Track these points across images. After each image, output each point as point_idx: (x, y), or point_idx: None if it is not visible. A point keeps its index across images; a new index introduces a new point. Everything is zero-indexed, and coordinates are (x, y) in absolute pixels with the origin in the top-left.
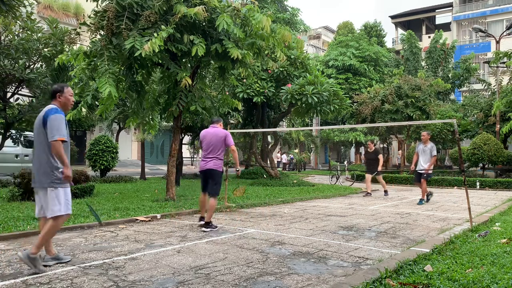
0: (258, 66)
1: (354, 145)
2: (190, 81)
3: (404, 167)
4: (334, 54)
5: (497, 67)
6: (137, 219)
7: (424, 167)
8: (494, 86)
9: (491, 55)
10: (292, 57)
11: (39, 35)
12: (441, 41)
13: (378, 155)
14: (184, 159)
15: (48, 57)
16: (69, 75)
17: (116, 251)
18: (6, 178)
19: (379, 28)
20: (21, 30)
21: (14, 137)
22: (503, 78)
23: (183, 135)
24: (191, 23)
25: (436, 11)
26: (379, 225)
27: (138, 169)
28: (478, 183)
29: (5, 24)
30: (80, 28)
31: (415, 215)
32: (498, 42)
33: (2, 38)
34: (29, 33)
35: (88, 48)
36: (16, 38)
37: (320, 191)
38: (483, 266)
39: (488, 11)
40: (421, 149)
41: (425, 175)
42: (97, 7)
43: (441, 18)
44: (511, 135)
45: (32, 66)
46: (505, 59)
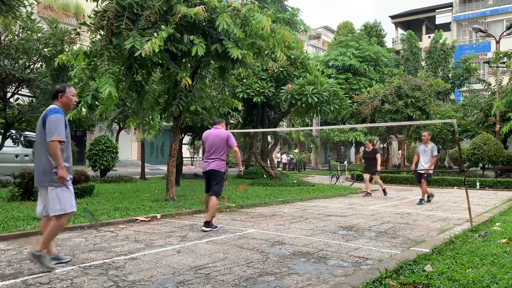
0: (258, 66)
1: (354, 145)
2: (190, 81)
3: (404, 167)
4: (334, 54)
5: (497, 67)
6: (137, 219)
7: (425, 167)
8: (494, 86)
9: (491, 55)
10: (292, 57)
11: (39, 35)
12: (441, 41)
13: (376, 154)
14: (184, 159)
15: (48, 57)
16: (69, 75)
17: (116, 251)
18: (6, 178)
19: (379, 28)
20: (21, 30)
21: (14, 137)
22: (503, 78)
23: (183, 135)
24: (191, 23)
25: (436, 11)
26: (379, 225)
27: (138, 169)
28: (478, 183)
29: (5, 24)
30: (80, 28)
31: (415, 215)
32: (498, 42)
33: (2, 38)
34: (29, 33)
35: (88, 48)
36: (16, 38)
37: (320, 191)
38: (483, 266)
39: (488, 11)
40: (422, 149)
41: (425, 175)
42: (97, 7)
43: (441, 18)
44: (511, 135)
45: (32, 66)
46: (505, 59)
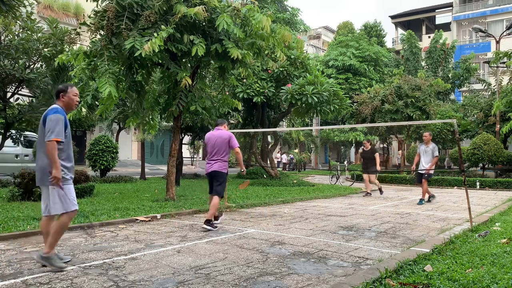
0: (258, 66)
1: (354, 145)
2: (190, 81)
3: (404, 167)
4: (334, 54)
5: (497, 67)
6: (137, 219)
7: (426, 167)
8: (494, 86)
9: (491, 55)
10: (292, 57)
11: (39, 35)
12: (441, 41)
13: (374, 153)
14: (184, 159)
15: (48, 57)
16: (69, 75)
17: (116, 251)
18: (6, 178)
19: (379, 28)
20: (21, 30)
21: (14, 137)
22: (503, 78)
23: (183, 135)
24: (191, 23)
25: (436, 11)
26: (379, 225)
27: (138, 169)
28: (478, 183)
29: (5, 24)
30: (80, 28)
31: (415, 215)
32: (498, 42)
33: (2, 38)
34: (29, 33)
35: (88, 48)
36: (16, 38)
37: (320, 191)
38: (483, 266)
39: (488, 11)
40: (423, 149)
41: (426, 175)
42: (97, 7)
43: (441, 18)
44: (511, 135)
45: (32, 66)
46: (505, 59)
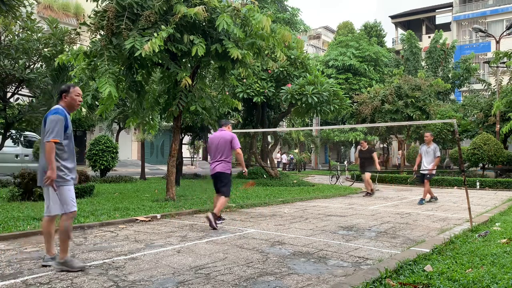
0: (258, 66)
1: (354, 145)
2: (190, 81)
3: (404, 167)
4: (334, 54)
5: (497, 67)
6: (137, 219)
7: (427, 168)
8: (494, 86)
9: (491, 55)
10: (292, 57)
11: (39, 35)
12: (441, 41)
13: (372, 153)
14: (184, 159)
15: (48, 57)
16: (69, 75)
17: (116, 251)
18: (6, 178)
19: (379, 28)
20: (21, 30)
21: (14, 137)
22: (503, 78)
23: (183, 135)
24: (191, 23)
25: (436, 11)
26: (379, 225)
27: (138, 169)
28: (478, 183)
29: (5, 24)
30: (80, 28)
31: (415, 215)
32: (498, 42)
33: (2, 38)
34: (29, 33)
35: (88, 48)
36: (16, 38)
37: (320, 191)
38: (483, 266)
39: (488, 11)
40: (424, 150)
41: (428, 175)
42: (97, 7)
43: (441, 18)
44: (511, 135)
45: (32, 66)
46: (505, 59)
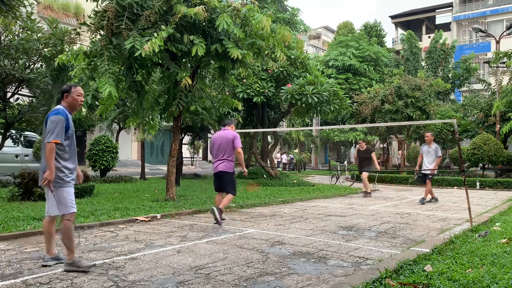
0: (258, 66)
1: (354, 145)
2: (190, 81)
3: (404, 167)
4: (334, 54)
5: (497, 67)
6: (137, 219)
7: (429, 168)
8: (494, 86)
9: (491, 55)
10: (292, 57)
11: (39, 35)
12: (441, 41)
13: (371, 153)
14: (184, 159)
15: (48, 57)
16: (69, 75)
17: (116, 251)
18: (6, 178)
19: (379, 28)
20: (21, 30)
21: (14, 137)
22: (503, 78)
23: (183, 135)
24: (191, 23)
25: (436, 11)
26: (379, 225)
27: (138, 169)
28: (478, 183)
29: (5, 24)
30: (80, 28)
31: (415, 215)
32: (498, 42)
33: (2, 38)
34: (29, 33)
35: (88, 48)
36: (16, 38)
37: (320, 191)
38: (483, 266)
39: (488, 11)
40: (425, 150)
41: (430, 175)
42: (97, 7)
43: (441, 18)
44: (511, 135)
45: (32, 66)
46: (505, 59)
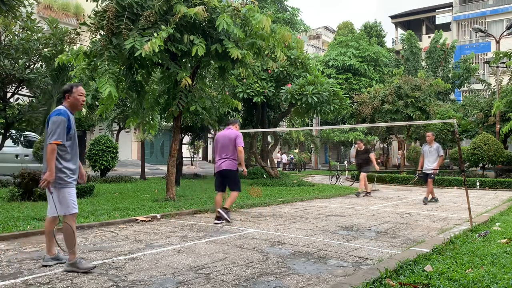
0: (258, 66)
1: (354, 145)
2: (190, 81)
3: (404, 167)
4: (334, 54)
5: (497, 67)
6: (137, 219)
7: (431, 167)
8: (494, 86)
9: (491, 55)
10: (292, 57)
11: (39, 35)
12: (441, 41)
13: (369, 153)
14: (184, 159)
15: (48, 57)
16: (69, 75)
17: (116, 251)
18: (6, 178)
19: (379, 28)
20: (21, 30)
21: (14, 137)
22: (503, 78)
23: (183, 135)
24: (191, 23)
25: (436, 11)
26: (379, 225)
27: (138, 169)
28: (478, 183)
29: (5, 24)
30: (80, 28)
31: (415, 215)
32: (498, 42)
33: (2, 38)
34: (29, 33)
35: (88, 48)
36: (16, 38)
37: (320, 191)
38: (483, 266)
39: (488, 11)
40: (426, 150)
41: (432, 175)
42: (97, 7)
43: (441, 18)
44: (511, 135)
45: (32, 66)
46: (505, 59)
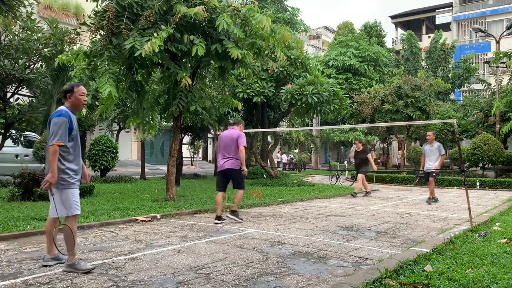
0: (258, 66)
1: (353, 145)
2: (190, 81)
3: (404, 167)
4: (334, 54)
5: (497, 67)
6: (137, 219)
7: (432, 166)
8: (494, 86)
9: (491, 55)
10: (292, 57)
11: (39, 35)
12: (441, 41)
13: (367, 154)
14: (184, 159)
15: (48, 57)
16: (69, 75)
17: (116, 251)
18: (6, 178)
19: (379, 28)
20: (21, 30)
21: (14, 137)
22: (503, 78)
23: (183, 135)
24: (191, 23)
25: (436, 11)
26: (379, 225)
27: (138, 169)
28: (478, 183)
29: (5, 24)
30: (80, 28)
31: (415, 215)
32: (498, 42)
33: (2, 38)
34: (29, 33)
35: (88, 48)
36: (16, 38)
37: (320, 191)
38: (483, 266)
39: (488, 11)
40: (427, 149)
41: (434, 174)
42: (97, 7)
43: (441, 18)
44: (511, 135)
45: (32, 66)
46: (505, 59)
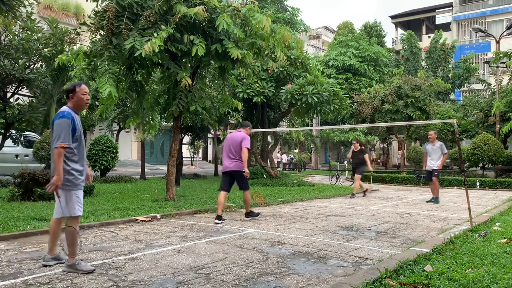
0: (258, 66)
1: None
2: (190, 81)
3: (404, 167)
4: (334, 54)
5: (497, 67)
6: (137, 219)
7: (434, 165)
8: (494, 86)
9: (491, 55)
10: (292, 57)
11: (39, 35)
12: (441, 41)
13: (364, 154)
14: (184, 159)
15: (48, 57)
16: (69, 75)
17: (116, 251)
18: (6, 178)
19: (379, 28)
20: (21, 30)
21: (14, 137)
22: (503, 78)
23: (183, 135)
24: (191, 23)
25: (436, 11)
26: (379, 225)
27: (138, 169)
28: (478, 183)
29: (5, 24)
30: (80, 28)
31: (415, 215)
32: (498, 42)
33: (2, 38)
34: (29, 33)
35: (88, 48)
36: (16, 38)
37: (320, 191)
38: (483, 266)
39: (488, 11)
40: (429, 148)
41: (436, 173)
42: (97, 7)
43: (441, 18)
44: (511, 135)
45: (32, 66)
46: (505, 59)
